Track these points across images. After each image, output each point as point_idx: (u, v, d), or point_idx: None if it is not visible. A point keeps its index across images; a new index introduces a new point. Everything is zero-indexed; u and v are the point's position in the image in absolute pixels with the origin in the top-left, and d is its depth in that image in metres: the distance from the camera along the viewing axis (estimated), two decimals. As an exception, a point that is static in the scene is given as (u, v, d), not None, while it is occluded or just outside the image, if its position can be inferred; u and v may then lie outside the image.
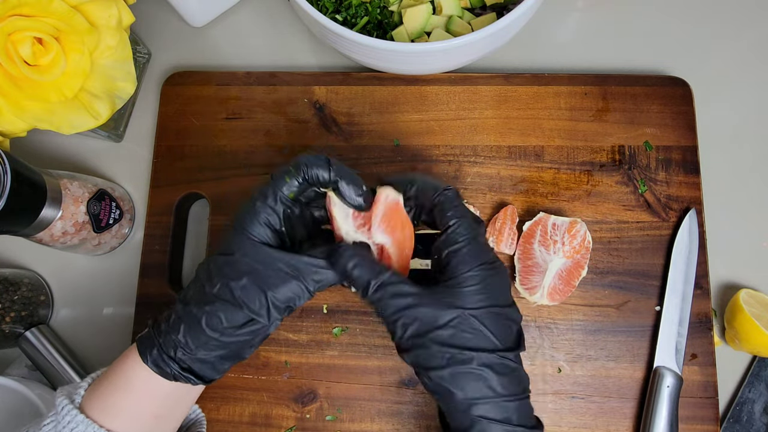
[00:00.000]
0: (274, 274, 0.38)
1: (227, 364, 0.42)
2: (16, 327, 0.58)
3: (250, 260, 0.39)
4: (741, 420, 0.58)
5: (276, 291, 0.39)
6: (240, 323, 0.39)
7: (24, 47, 0.48)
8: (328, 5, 0.60)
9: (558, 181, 0.61)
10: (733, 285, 0.61)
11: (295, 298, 0.39)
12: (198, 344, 0.40)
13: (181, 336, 0.40)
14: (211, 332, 0.39)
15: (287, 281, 0.39)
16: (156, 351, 0.40)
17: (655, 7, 0.69)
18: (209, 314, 0.39)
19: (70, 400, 0.41)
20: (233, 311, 0.39)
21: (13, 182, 0.47)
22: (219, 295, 0.39)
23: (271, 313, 0.39)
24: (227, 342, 0.40)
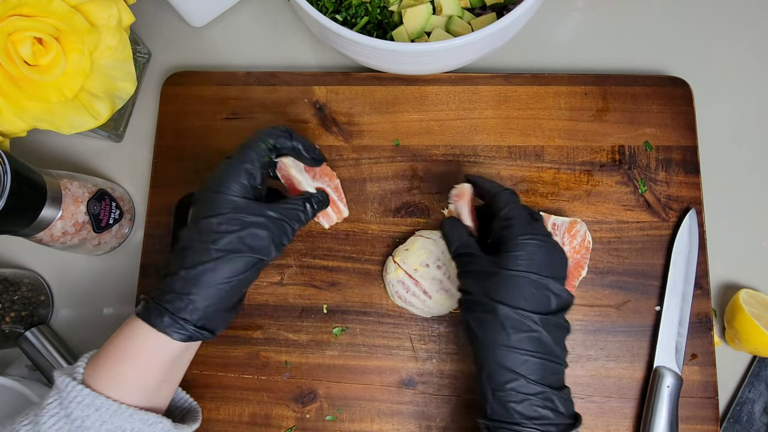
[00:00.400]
0: (269, 221, 0.45)
1: (232, 313, 0.47)
2: (16, 327, 0.58)
3: (244, 214, 0.44)
4: (741, 420, 0.58)
5: (274, 233, 0.45)
6: (246, 268, 0.44)
7: (24, 47, 0.48)
8: (328, 5, 0.60)
9: (558, 181, 0.61)
10: (733, 285, 0.61)
11: (285, 236, 0.47)
12: (209, 299, 0.43)
13: (193, 296, 0.42)
14: (223, 283, 0.43)
15: (281, 225, 0.46)
16: (167, 318, 0.42)
17: (655, 7, 0.69)
18: (217, 268, 0.43)
19: (71, 377, 0.41)
20: (240, 259, 0.44)
21: (13, 182, 0.47)
22: (225, 248, 0.43)
23: (274, 251, 0.45)
24: (236, 287, 0.44)
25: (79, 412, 0.40)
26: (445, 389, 0.56)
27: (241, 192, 0.45)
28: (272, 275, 0.60)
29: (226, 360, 0.58)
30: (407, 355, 0.57)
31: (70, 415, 0.40)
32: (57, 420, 0.40)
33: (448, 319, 0.58)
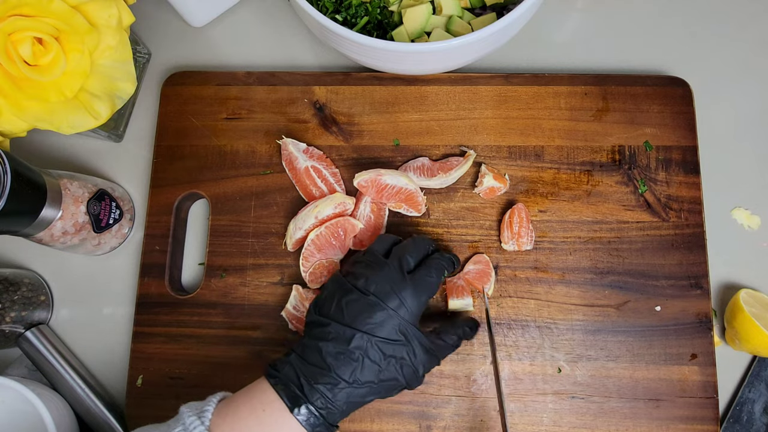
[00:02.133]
0: (429, 357, 0.47)
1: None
2: (16, 327, 0.58)
3: (415, 347, 0.46)
4: (741, 420, 0.58)
5: (426, 368, 0.48)
6: (395, 393, 0.47)
7: (24, 47, 0.48)
8: (328, 5, 0.60)
9: (558, 181, 0.61)
10: (733, 285, 0.61)
11: (431, 368, 0.49)
12: (352, 409, 0.45)
13: (344, 408, 0.44)
14: (369, 401, 0.45)
15: (434, 361, 0.48)
16: (314, 419, 0.43)
17: (655, 7, 0.69)
18: (374, 393, 0.45)
19: (200, 419, 0.42)
20: (396, 390, 0.46)
21: (13, 182, 0.47)
22: (388, 377, 0.45)
23: (414, 381, 0.47)
24: (366, 394, 0.45)
25: None
26: (445, 389, 0.56)
27: (417, 319, 0.46)
28: (272, 275, 0.60)
29: (227, 360, 0.58)
30: (407, 355, 0.57)
31: None
32: None
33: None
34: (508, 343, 0.57)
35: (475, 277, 0.57)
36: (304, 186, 0.60)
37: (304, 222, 0.57)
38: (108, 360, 0.61)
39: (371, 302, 0.45)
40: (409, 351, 0.45)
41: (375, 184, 0.57)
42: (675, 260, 0.58)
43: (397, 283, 0.46)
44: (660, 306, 0.57)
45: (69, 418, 0.56)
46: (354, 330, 0.44)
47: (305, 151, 0.61)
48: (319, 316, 0.47)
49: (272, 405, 0.43)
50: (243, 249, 0.60)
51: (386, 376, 0.44)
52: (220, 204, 0.62)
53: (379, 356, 0.44)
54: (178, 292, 0.60)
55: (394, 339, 0.44)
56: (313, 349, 0.44)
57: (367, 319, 0.44)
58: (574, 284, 0.58)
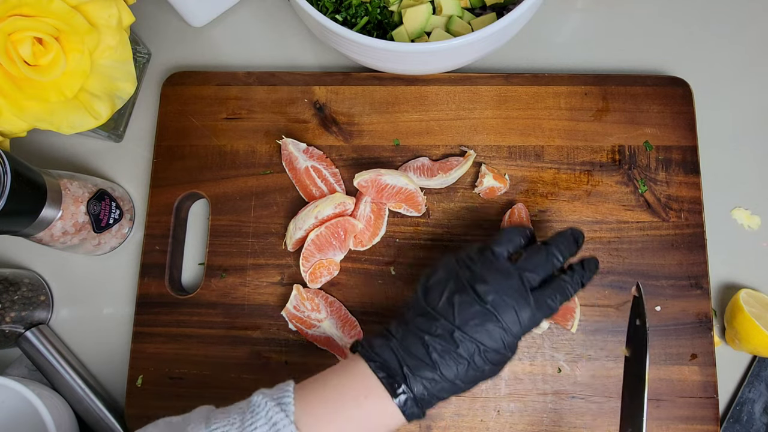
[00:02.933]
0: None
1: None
2: (16, 327, 0.58)
3: (513, 353, 0.45)
4: (741, 420, 0.58)
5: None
6: (479, 381, 0.45)
7: (24, 47, 0.48)
8: (328, 5, 0.60)
9: (558, 181, 0.61)
10: (733, 285, 0.61)
11: None
12: (442, 392, 0.43)
13: (442, 396, 0.43)
14: (465, 384, 0.44)
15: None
16: (416, 408, 0.42)
17: (655, 7, 0.69)
18: (477, 380, 0.44)
19: (282, 410, 0.40)
20: (482, 374, 0.44)
21: (13, 182, 0.47)
22: (495, 360, 0.44)
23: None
24: (462, 390, 0.44)
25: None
26: (445, 389, 0.56)
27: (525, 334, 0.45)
28: (272, 275, 0.60)
29: (227, 360, 0.58)
30: (407, 355, 0.57)
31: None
32: None
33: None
34: (508, 343, 0.57)
35: (558, 312, 0.55)
36: (304, 186, 0.60)
37: (304, 222, 0.57)
38: (108, 360, 0.61)
39: (487, 312, 0.43)
40: (508, 359, 0.45)
41: (375, 184, 0.57)
42: (675, 260, 0.58)
43: (518, 301, 0.44)
44: (660, 306, 0.57)
45: (69, 418, 0.56)
46: (463, 334, 0.43)
47: (305, 151, 0.61)
48: (426, 305, 0.45)
49: (374, 391, 0.42)
50: (243, 249, 0.60)
51: (484, 377, 0.44)
52: (220, 204, 0.62)
53: (483, 363, 0.43)
54: (178, 292, 0.60)
55: (500, 352, 0.43)
56: (418, 341, 0.43)
57: (478, 327, 0.43)
58: (574, 284, 0.58)
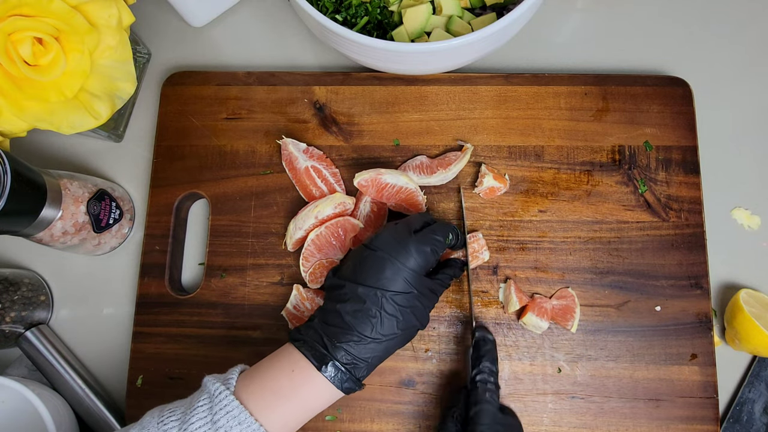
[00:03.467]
0: (435, 297, 0.50)
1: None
2: (16, 327, 0.58)
3: (424, 292, 0.48)
4: (741, 420, 0.58)
5: (432, 306, 0.50)
6: (411, 338, 0.49)
7: (24, 47, 0.48)
8: (328, 5, 0.60)
9: (558, 181, 0.61)
10: (733, 285, 0.61)
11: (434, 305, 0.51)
12: (377, 362, 0.47)
13: (369, 360, 0.46)
14: (393, 352, 0.47)
15: (436, 298, 0.51)
16: (342, 375, 0.45)
17: (655, 7, 0.69)
18: (397, 343, 0.47)
19: (224, 386, 0.43)
20: (412, 333, 0.48)
21: (13, 182, 0.47)
22: (407, 325, 0.47)
23: (425, 321, 0.49)
24: (390, 346, 0.47)
25: (224, 421, 0.41)
26: (445, 389, 0.56)
27: (424, 271, 0.48)
28: (272, 275, 0.60)
29: (227, 360, 0.58)
30: (407, 355, 0.57)
31: (216, 422, 0.41)
32: (204, 423, 0.41)
33: (448, 319, 0.58)
34: (508, 343, 0.57)
35: (558, 312, 0.57)
36: (304, 186, 0.60)
37: (304, 222, 0.57)
38: (108, 360, 0.61)
39: (381, 257, 0.47)
40: (419, 298, 0.47)
41: (375, 184, 0.57)
42: (675, 260, 0.58)
43: (403, 238, 0.48)
44: (660, 306, 0.57)
45: (69, 418, 0.56)
46: (367, 287, 0.46)
47: (305, 151, 0.61)
48: (335, 278, 0.49)
49: (299, 364, 0.45)
50: (243, 249, 0.60)
51: (405, 325, 0.47)
52: (220, 204, 0.62)
53: (394, 309, 0.46)
54: (178, 292, 0.60)
55: (406, 291, 0.46)
56: (332, 312, 0.46)
57: (379, 275, 0.46)
58: (574, 284, 0.58)
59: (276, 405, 0.43)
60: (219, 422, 0.41)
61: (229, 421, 0.41)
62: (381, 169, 0.57)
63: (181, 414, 0.42)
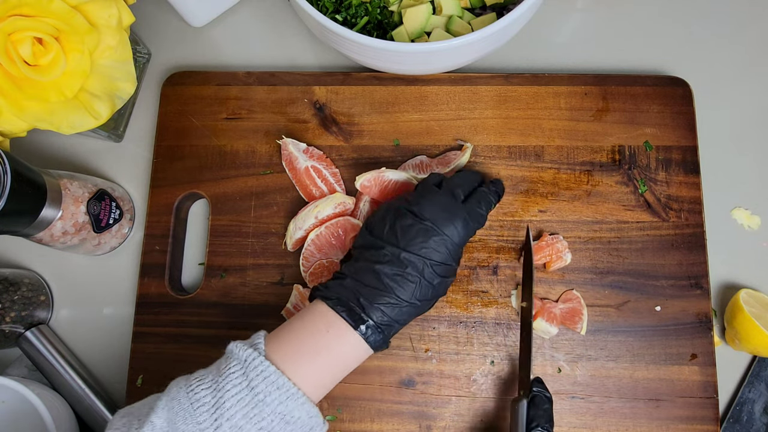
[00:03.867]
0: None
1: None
2: (16, 327, 0.58)
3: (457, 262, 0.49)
4: (741, 420, 0.58)
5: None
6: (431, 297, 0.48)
7: (24, 47, 0.48)
8: (328, 5, 0.60)
9: (558, 181, 0.61)
10: (733, 285, 0.61)
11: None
12: (408, 322, 0.47)
13: (401, 322, 0.46)
14: (421, 302, 0.47)
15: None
16: (377, 335, 0.45)
17: (655, 7, 0.69)
18: (428, 305, 0.48)
19: (254, 349, 0.42)
20: (432, 289, 0.47)
21: (13, 182, 0.47)
22: (439, 293, 0.48)
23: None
24: (421, 311, 0.48)
25: (263, 386, 0.40)
26: (445, 389, 0.56)
27: (464, 245, 0.49)
28: (272, 275, 0.60)
29: (226, 360, 0.58)
30: (407, 355, 0.57)
31: (253, 388, 0.40)
32: (240, 390, 0.40)
33: (448, 319, 0.58)
34: (509, 343, 0.57)
35: (567, 315, 0.57)
36: (304, 186, 0.60)
37: (304, 222, 0.57)
38: (108, 360, 0.61)
39: (427, 228, 0.47)
40: (454, 269, 0.48)
41: (378, 182, 0.57)
42: (675, 260, 0.58)
43: (451, 211, 0.48)
44: (660, 306, 0.57)
45: (69, 418, 0.56)
46: (410, 253, 0.46)
47: (305, 151, 0.61)
48: (372, 238, 0.48)
49: (335, 324, 0.44)
50: (243, 249, 0.60)
51: (436, 292, 0.47)
52: (220, 204, 0.62)
53: (433, 277, 0.46)
54: (178, 292, 0.60)
55: (447, 262, 0.47)
56: (369, 272, 0.46)
57: (423, 244, 0.46)
58: (574, 284, 0.58)
59: (310, 366, 0.43)
60: (257, 387, 0.40)
61: (267, 387, 0.40)
62: (383, 168, 0.57)
63: (211, 382, 0.41)
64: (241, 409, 0.40)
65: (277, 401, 0.40)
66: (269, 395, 0.40)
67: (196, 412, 0.40)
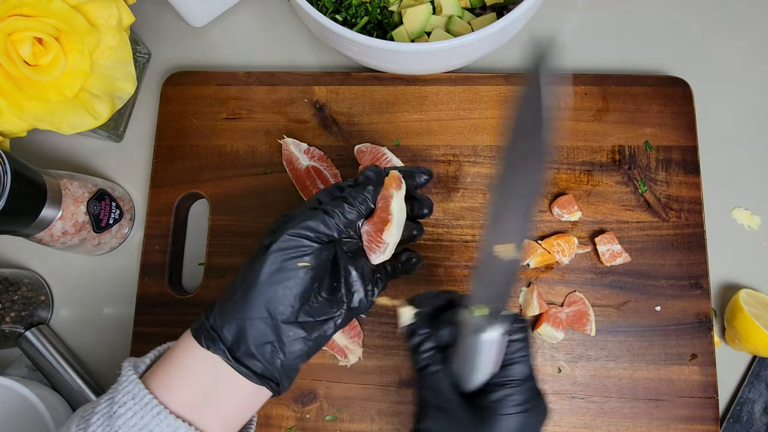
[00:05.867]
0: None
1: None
2: (16, 327, 0.58)
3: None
4: (741, 420, 0.58)
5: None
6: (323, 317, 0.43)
7: (24, 47, 0.48)
8: (328, 5, 0.60)
9: (558, 181, 0.61)
10: (733, 285, 0.61)
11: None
12: (296, 367, 0.42)
13: (284, 365, 0.41)
14: (307, 357, 0.42)
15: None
16: (258, 378, 0.40)
17: (655, 7, 0.69)
18: (317, 346, 0.43)
19: (133, 364, 0.41)
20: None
21: (13, 182, 0.47)
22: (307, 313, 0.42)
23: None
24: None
25: (119, 396, 0.39)
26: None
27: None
28: (272, 275, 0.60)
29: (226, 360, 0.58)
30: (407, 355, 0.57)
31: (113, 398, 0.39)
32: (105, 402, 0.39)
33: (448, 319, 0.58)
34: (508, 343, 0.57)
35: (573, 318, 0.57)
36: (304, 186, 0.60)
37: None
38: (108, 360, 0.61)
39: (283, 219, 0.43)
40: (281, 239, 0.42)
41: (373, 152, 0.58)
42: (675, 260, 0.58)
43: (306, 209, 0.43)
44: (660, 306, 0.57)
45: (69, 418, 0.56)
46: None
47: (306, 151, 0.61)
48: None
49: (202, 359, 0.41)
50: (243, 249, 0.60)
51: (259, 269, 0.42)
52: (220, 204, 0.62)
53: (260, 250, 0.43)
54: (178, 292, 0.60)
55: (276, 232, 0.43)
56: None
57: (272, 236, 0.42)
58: (574, 284, 0.58)
59: (183, 390, 0.40)
60: (115, 398, 0.39)
61: (124, 397, 0.38)
62: (385, 147, 0.59)
63: (104, 396, 0.40)
64: (100, 420, 0.38)
65: (131, 412, 0.38)
66: (123, 405, 0.38)
67: (73, 423, 0.39)
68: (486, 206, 0.60)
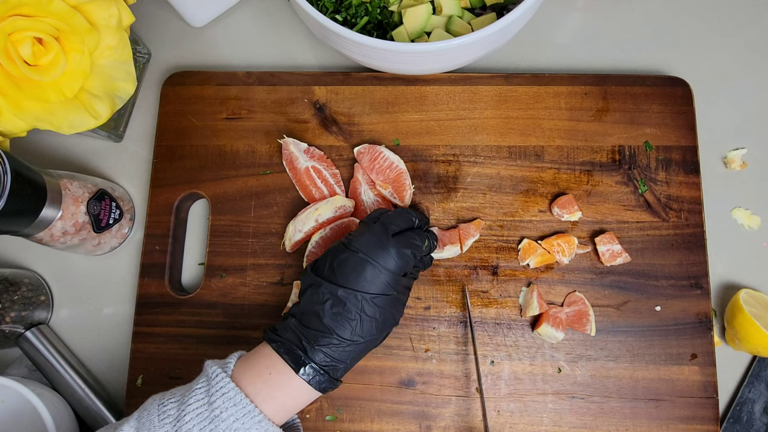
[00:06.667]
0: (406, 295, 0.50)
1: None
2: (16, 327, 0.58)
3: (401, 295, 0.49)
4: (741, 420, 0.58)
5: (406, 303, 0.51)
6: (377, 331, 0.47)
7: (24, 47, 0.48)
8: (328, 5, 0.60)
9: (558, 181, 0.61)
10: (733, 285, 0.61)
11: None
12: (355, 363, 0.47)
13: (348, 363, 0.46)
14: (364, 338, 0.46)
15: (407, 296, 0.51)
16: (326, 381, 0.45)
17: (654, 6, 0.69)
18: (374, 343, 0.48)
19: (222, 369, 0.44)
20: (388, 332, 0.49)
21: (13, 182, 0.47)
22: (384, 326, 0.48)
23: (400, 317, 0.50)
24: (368, 347, 0.48)
25: (220, 402, 0.41)
26: (445, 389, 0.56)
27: (402, 272, 0.48)
28: (272, 275, 0.60)
29: (226, 360, 0.58)
30: (407, 355, 0.57)
31: (212, 404, 0.41)
32: (200, 405, 0.42)
33: (448, 319, 0.58)
34: (508, 343, 0.57)
35: (573, 318, 0.57)
36: (304, 186, 0.60)
37: (304, 224, 0.57)
38: (108, 360, 0.61)
39: (360, 259, 0.46)
40: (398, 299, 0.48)
41: (370, 152, 0.59)
42: (675, 260, 0.58)
43: (383, 241, 0.48)
44: (660, 306, 0.57)
45: (69, 418, 0.56)
46: (347, 290, 0.46)
47: (306, 151, 0.61)
48: (314, 276, 0.48)
49: (277, 367, 0.44)
50: (243, 249, 0.60)
51: (383, 326, 0.47)
52: (220, 204, 0.62)
53: (374, 311, 0.46)
54: (178, 292, 0.60)
55: (386, 293, 0.47)
56: (310, 312, 0.46)
57: (359, 277, 0.46)
58: (574, 284, 0.58)
59: (267, 392, 0.44)
60: (215, 403, 0.41)
61: (225, 403, 0.41)
62: (382, 145, 0.60)
63: (180, 396, 0.43)
64: (199, 423, 0.41)
65: (233, 417, 0.41)
66: (225, 411, 0.41)
67: (161, 423, 0.41)
68: (486, 206, 0.60)
